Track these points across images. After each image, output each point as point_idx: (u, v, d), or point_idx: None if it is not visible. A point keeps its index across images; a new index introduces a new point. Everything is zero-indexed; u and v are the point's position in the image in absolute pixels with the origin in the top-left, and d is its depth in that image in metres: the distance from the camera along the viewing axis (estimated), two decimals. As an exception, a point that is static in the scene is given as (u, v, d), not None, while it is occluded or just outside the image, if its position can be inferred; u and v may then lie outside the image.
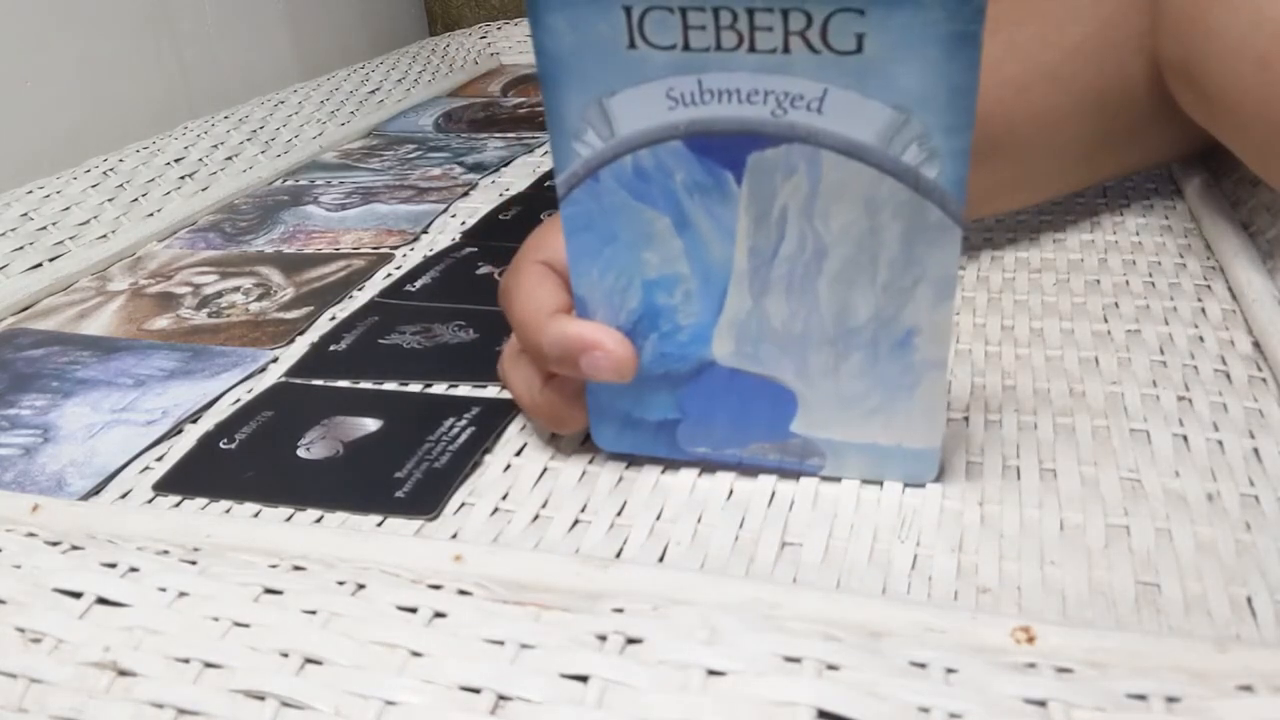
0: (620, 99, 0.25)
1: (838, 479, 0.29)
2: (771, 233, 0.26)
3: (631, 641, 0.20)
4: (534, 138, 0.70)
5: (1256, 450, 0.30)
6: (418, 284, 0.46)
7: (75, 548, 0.24)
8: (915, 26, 0.22)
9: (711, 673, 0.19)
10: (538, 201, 0.57)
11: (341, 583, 0.22)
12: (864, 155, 0.24)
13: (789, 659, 0.19)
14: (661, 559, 0.27)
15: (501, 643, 0.20)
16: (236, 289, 0.47)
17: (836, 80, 0.24)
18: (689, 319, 0.28)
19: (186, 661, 0.21)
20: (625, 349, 0.28)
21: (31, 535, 0.25)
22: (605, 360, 0.28)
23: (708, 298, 0.28)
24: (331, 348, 0.41)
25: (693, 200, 0.26)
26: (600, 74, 0.25)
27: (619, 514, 0.29)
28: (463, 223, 0.54)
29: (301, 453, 0.33)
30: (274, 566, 0.23)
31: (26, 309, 0.47)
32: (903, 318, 0.27)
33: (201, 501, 0.31)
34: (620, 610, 0.21)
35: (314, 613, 0.21)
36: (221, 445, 0.34)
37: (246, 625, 0.21)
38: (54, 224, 0.53)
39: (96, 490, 0.32)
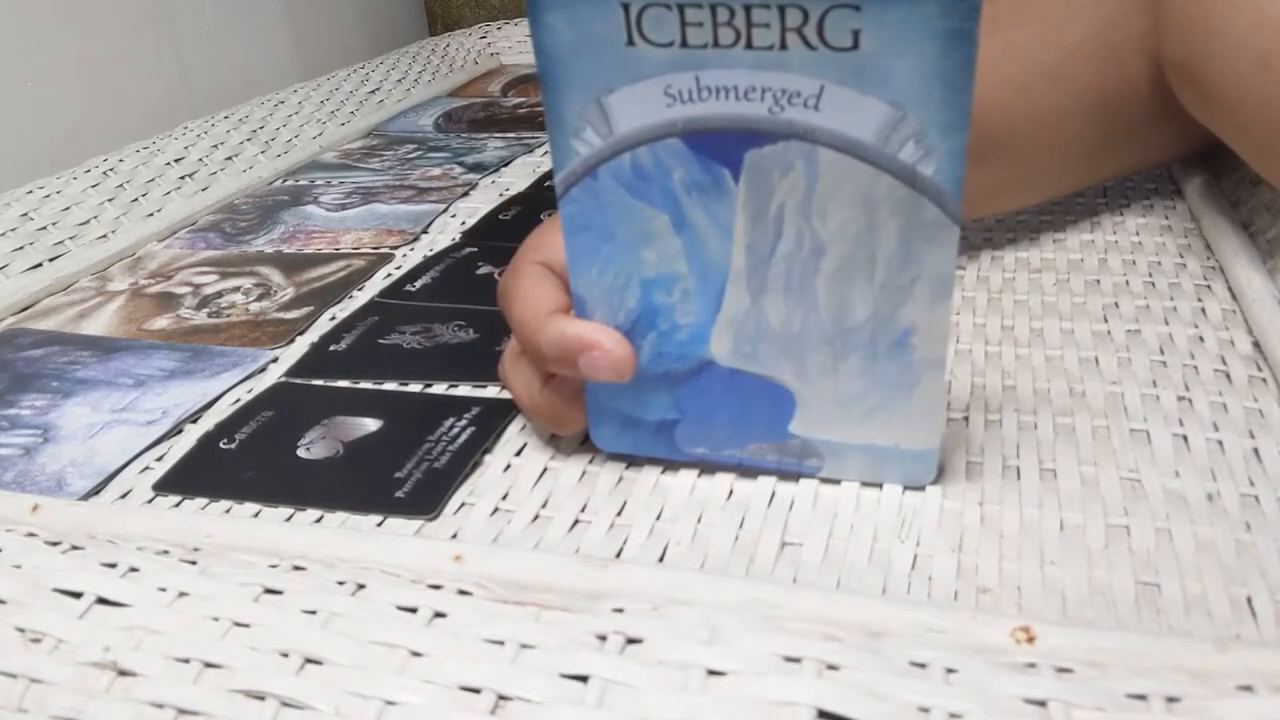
0: (618, 97, 0.25)
1: (838, 480, 0.29)
2: (769, 231, 0.26)
3: (631, 641, 0.20)
4: (534, 138, 0.70)
5: (1256, 450, 0.30)
6: (418, 284, 0.46)
7: (75, 548, 0.24)
8: (911, 23, 0.22)
9: (711, 673, 0.19)
10: (538, 201, 0.57)
11: (341, 583, 0.22)
12: (861, 152, 0.24)
13: (789, 659, 0.19)
14: (661, 559, 0.27)
15: (501, 643, 0.20)
16: (236, 289, 0.47)
17: (833, 77, 0.24)
18: (687, 318, 0.28)
19: (186, 661, 0.21)
20: (623, 348, 0.28)
21: (31, 535, 0.25)
22: (604, 360, 0.28)
23: (706, 297, 0.28)
24: (331, 348, 0.41)
25: (690, 198, 0.26)
26: (599, 72, 0.25)
27: (619, 514, 0.29)
28: (463, 223, 0.54)
29: (301, 453, 0.33)
30: (274, 566, 0.23)
31: (26, 309, 0.47)
32: (900, 317, 0.27)
33: (201, 501, 0.31)
34: (620, 610, 0.21)
35: (314, 613, 0.21)
36: (221, 445, 0.34)
37: (246, 625, 0.21)
38: (54, 224, 0.53)
39: (96, 490, 0.32)
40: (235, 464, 0.33)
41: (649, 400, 0.30)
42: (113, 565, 0.23)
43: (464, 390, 0.37)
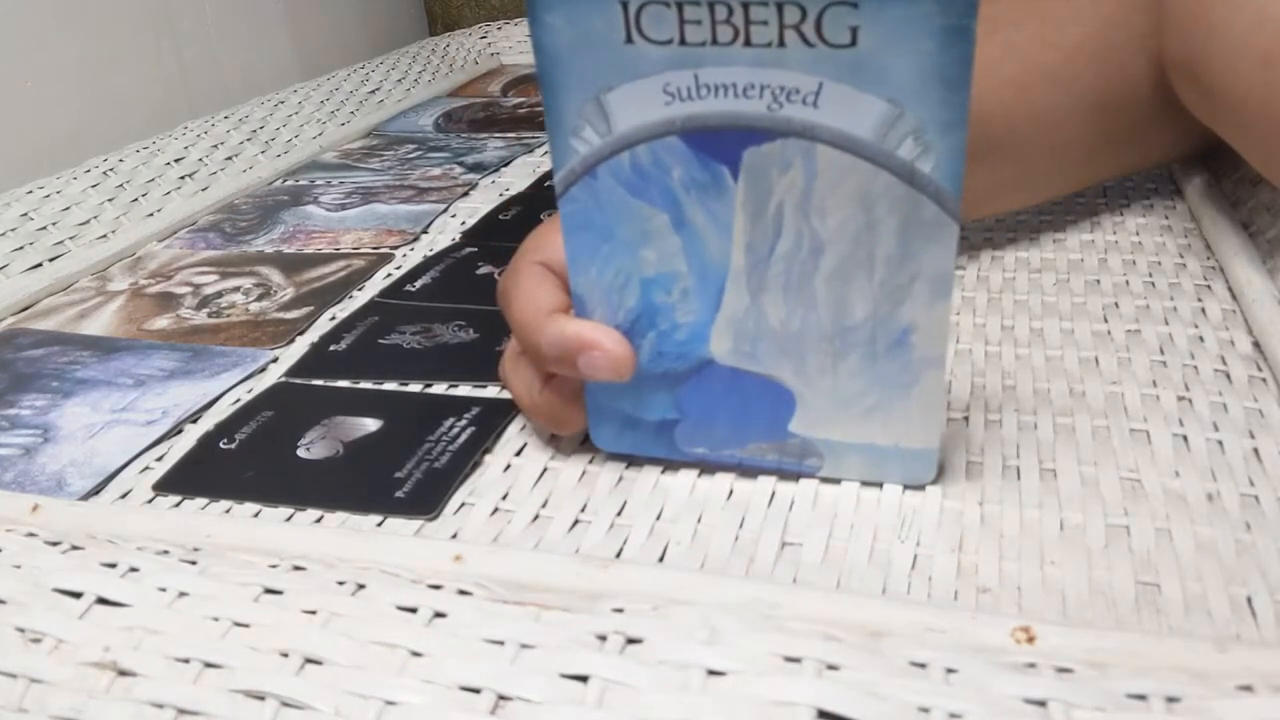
0: (617, 95, 0.25)
1: (837, 479, 0.29)
2: (768, 229, 0.26)
3: (631, 641, 0.20)
4: (534, 138, 0.70)
5: (1256, 450, 0.30)
6: (418, 284, 0.46)
7: (75, 548, 0.24)
8: (909, 20, 0.22)
9: (711, 673, 0.19)
10: (538, 201, 0.57)
11: (341, 583, 0.22)
12: (859, 149, 0.24)
13: (789, 659, 0.19)
14: (661, 559, 0.27)
15: (501, 643, 0.20)
16: (236, 289, 0.47)
17: (831, 74, 0.24)
18: (687, 317, 0.28)
19: (186, 661, 0.21)
20: (623, 348, 0.28)
21: (31, 535, 0.25)
22: (603, 359, 0.28)
23: (705, 296, 0.28)
24: (331, 348, 0.41)
25: (690, 197, 0.26)
26: (597, 70, 0.25)
27: (619, 514, 0.29)
28: (463, 223, 0.54)
29: (301, 453, 0.33)
30: (274, 566, 0.23)
31: (26, 309, 0.47)
32: (900, 315, 0.27)
33: (201, 501, 0.31)
34: (620, 610, 0.21)
35: (314, 613, 0.21)
36: (221, 445, 0.34)
37: (246, 625, 0.21)
38: (54, 224, 0.53)
39: (96, 490, 0.32)
40: (235, 464, 0.33)
41: (649, 400, 0.30)
42: (113, 565, 0.23)
43: (464, 390, 0.37)
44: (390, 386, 0.37)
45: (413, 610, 0.21)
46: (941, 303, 0.26)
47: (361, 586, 0.22)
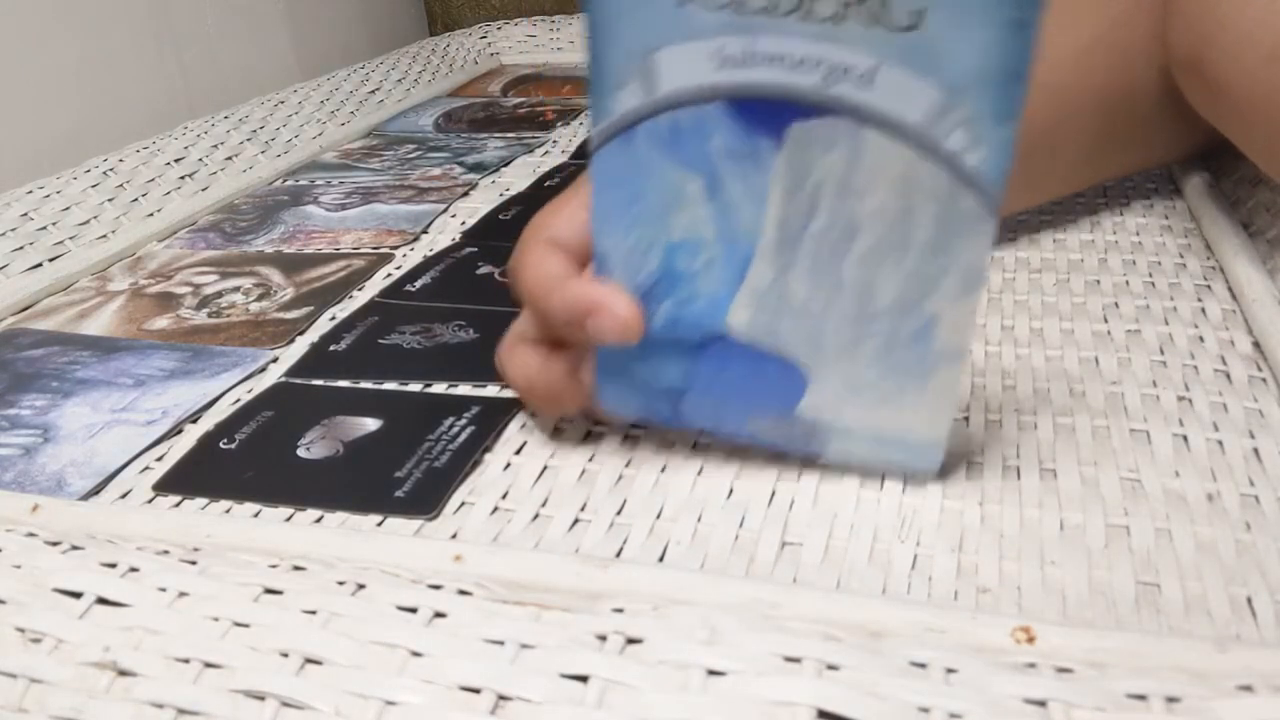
0: (666, 55, 0.24)
1: (839, 476, 0.29)
2: (803, 206, 0.26)
3: (631, 641, 0.20)
4: (534, 138, 0.70)
5: (1256, 450, 0.30)
6: (418, 284, 0.46)
7: (75, 548, 0.24)
8: (977, 8, 0.22)
9: (711, 673, 0.19)
10: (538, 201, 0.56)
11: (341, 583, 0.22)
12: (907, 135, 0.24)
13: (789, 659, 0.19)
14: (661, 559, 0.27)
15: (501, 643, 0.20)
16: (236, 289, 0.47)
17: (890, 56, 0.23)
18: (707, 286, 0.28)
19: (186, 661, 0.21)
20: (630, 310, 0.28)
21: (31, 535, 0.25)
22: (610, 321, 0.28)
23: (730, 267, 0.27)
24: (331, 348, 0.41)
25: (727, 165, 0.26)
26: (648, 28, 0.24)
27: (619, 513, 0.29)
28: (463, 223, 0.54)
29: (301, 453, 0.33)
30: (274, 566, 0.23)
31: (26, 309, 0.47)
32: (926, 306, 0.26)
33: (201, 501, 0.31)
34: (620, 610, 0.21)
35: (314, 613, 0.21)
36: (221, 445, 0.34)
37: (246, 625, 0.21)
38: (54, 224, 0.53)
39: (96, 490, 0.32)
40: (235, 464, 0.33)
41: (659, 367, 0.29)
42: (113, 565, 0.23)
43: (464, 390, 0.37)
44: (390, 386, 0.37)
45: (413, 610, 0.21)
46: (970, 296, 0.26)
47: (361, 586, 0.22)
